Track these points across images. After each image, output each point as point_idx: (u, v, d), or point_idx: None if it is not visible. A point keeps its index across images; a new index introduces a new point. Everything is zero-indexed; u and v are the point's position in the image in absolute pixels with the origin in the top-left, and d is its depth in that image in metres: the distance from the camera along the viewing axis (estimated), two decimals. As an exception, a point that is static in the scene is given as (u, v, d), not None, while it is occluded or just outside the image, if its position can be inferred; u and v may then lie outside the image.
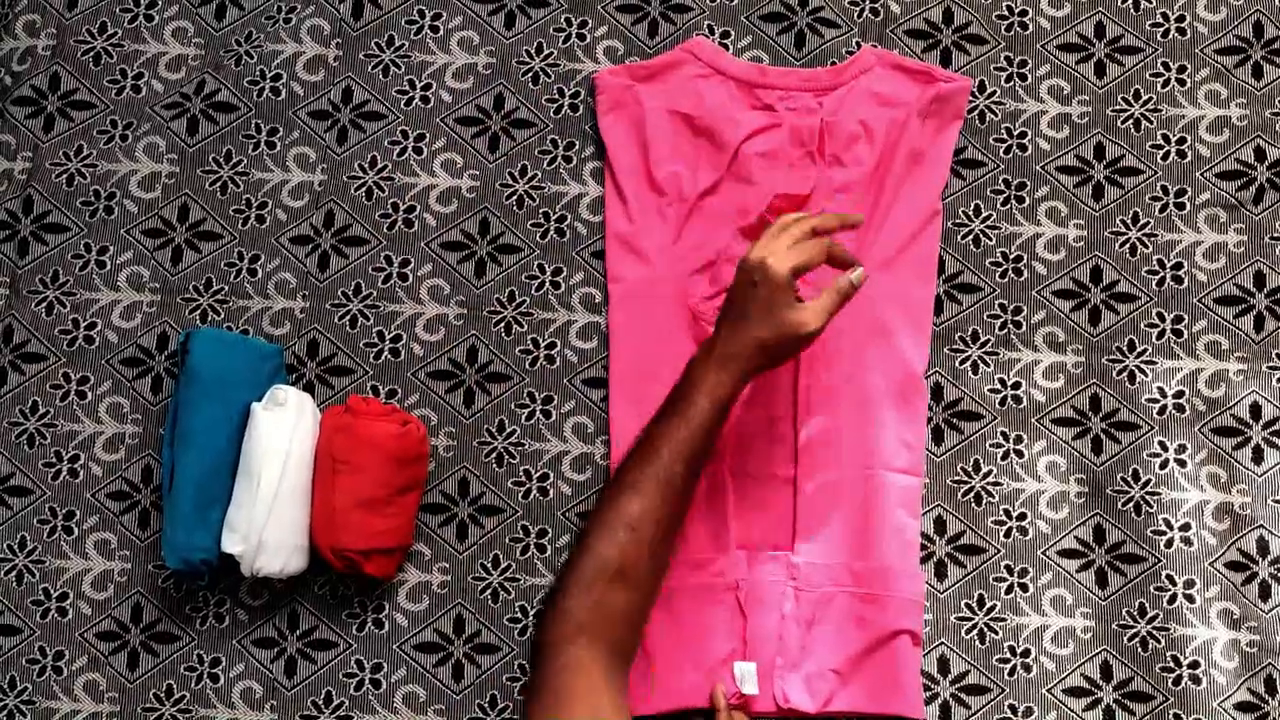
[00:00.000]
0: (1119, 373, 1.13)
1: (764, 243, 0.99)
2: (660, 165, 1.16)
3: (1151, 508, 1.10)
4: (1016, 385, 1.13)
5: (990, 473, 1.12)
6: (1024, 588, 1.10)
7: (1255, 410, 1.12)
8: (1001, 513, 1.11)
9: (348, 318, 1.15)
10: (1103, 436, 1.12)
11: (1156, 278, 1.15)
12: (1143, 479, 1.11)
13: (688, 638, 1.07)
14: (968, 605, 1.10)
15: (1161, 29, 1.20)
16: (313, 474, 1.06)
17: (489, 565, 1.11)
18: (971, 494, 1.11)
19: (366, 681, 1.09)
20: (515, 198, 1.17)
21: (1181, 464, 1.11)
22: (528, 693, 0.92)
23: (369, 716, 1.08)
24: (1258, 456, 1.11)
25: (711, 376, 0.96)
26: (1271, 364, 1.13)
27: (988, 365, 1.14)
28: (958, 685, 1.08)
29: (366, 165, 1.18)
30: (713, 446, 0.98)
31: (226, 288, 1.16)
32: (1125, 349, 1.14)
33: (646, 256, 1.14)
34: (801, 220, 1.00)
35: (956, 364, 1.14)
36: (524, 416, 1.13)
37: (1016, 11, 1.20)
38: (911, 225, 1.14)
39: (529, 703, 0.90)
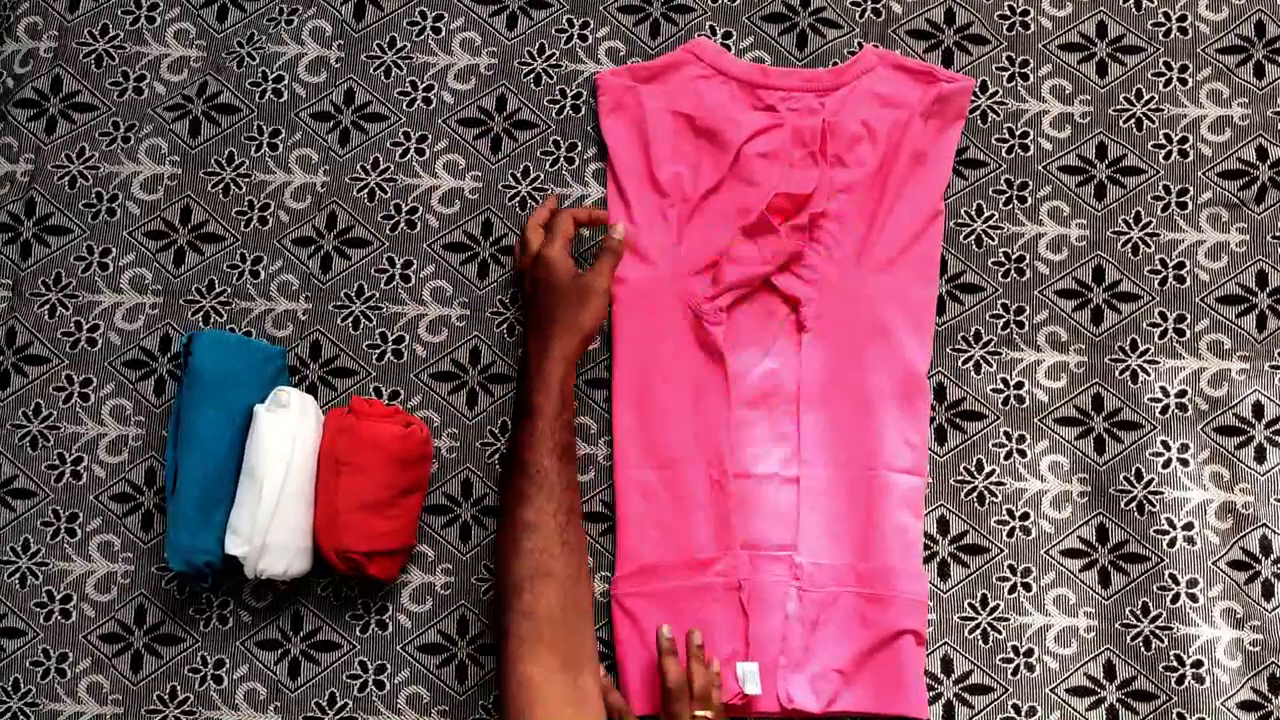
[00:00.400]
0: (1121, 372, 1.13)
1: (523, 248, 1.10)
2: (662, 166, 1.16)
3: (1154, 507, 1.10)
4: (1019, 385, 1.13)
5: (993, 472, 1.12)
6: (1027, 587, 1.10)
7: (1258, 409, 1.12)
8: (1004, 512, 1.11)
9: (350, 319, 1.15)
10: (1105, 436, 1.12)
11: (1159, 277, 1.15)
12: (1145, 478, 1.11)
13: (691, 638, 1.07)
14: (971, 605, 1.10)
15: (1163, 28, 1.20)
16: (316, 476, 1.06)
17: (492, 566, 1.11)
18: (974, 494, 1.11)
19: (370, 683, 1.09)
20: (518, 199, 1.17)
21: (1184, 463, 1.11)
22: (499, 703, 0.96)
23: (373, 718, 1.08)
24: (1260, 455, 1.11)
25: (544, 372, 1.02)
26: (1274, 363, 1.13)
27: (990, 365, 1.14)
28: (961, 685, 1.08)
29: (369, 167, 1.18)
30: (571, 430, 1.04)
31: (229, 289, 1.16)
32: (1128, 348, 1.14)
33: (648, 257, 1.14)
34: (535, 216, 1.12)
35: (959, 364, 1.14)
36: (527, 417, 1.13)
37: (1018, 11, 1.20)
38: (914, 225, 1.14)
39: (498, 708, 0.95)
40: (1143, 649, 1.08)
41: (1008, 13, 1.20)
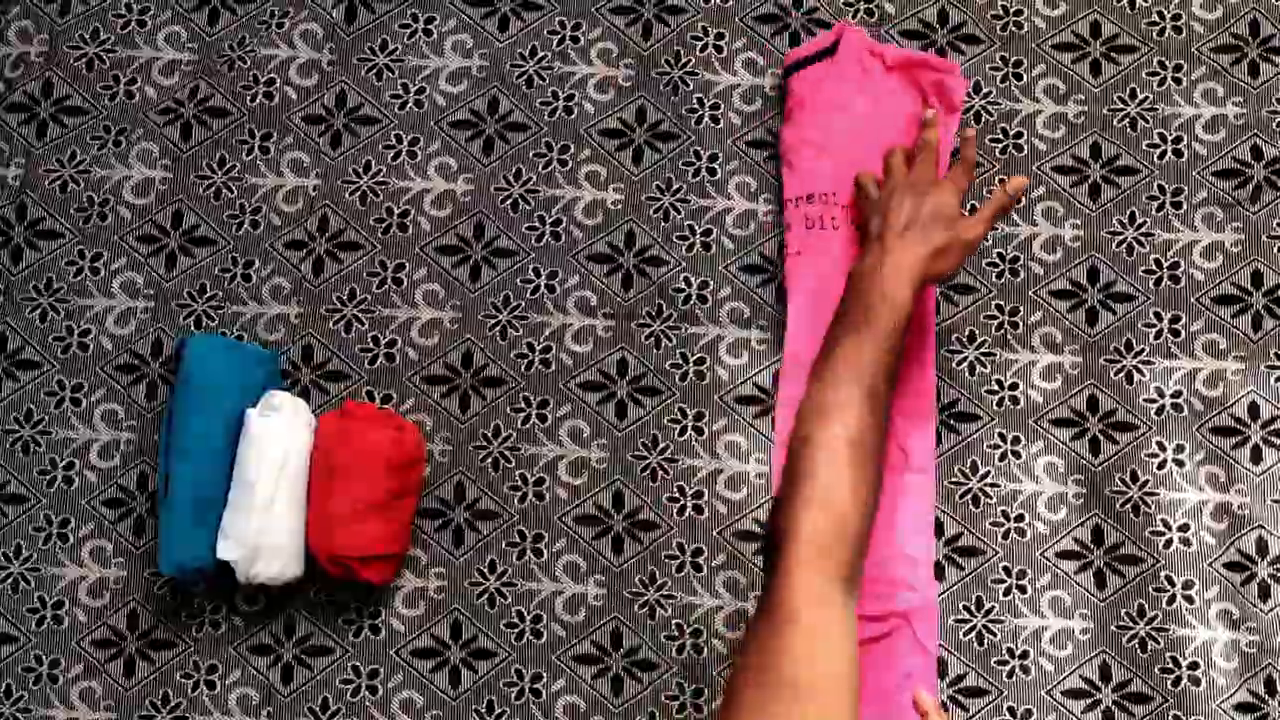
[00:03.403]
0: (1116, 373, 1.13)
1: (913, 172, 1.07)
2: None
3: (1150, 508, 1.10)
4: (1014, 386, 1.13)
5: (988, 474, 1.11)
6: (1022, 589, 1.09)
7: (1253, 410, 1.12)
8: (999, 514, 1.11)
9: (342, 323, 1.15)
10: (1100, 437, 1.12)
11: (1154, 277, 1.14)
12: (1141, 479, 1.11)
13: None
14: (966, 607, 1.09)
15: (1157, 27, 1.19)
16: (308, 480, 1.06)
17: (485, 570, 1.10)
18: (969, 495, 1.11)
19: (363, 688, 1.09)
20: (510, 201, 1.17)
21: (1180, 464, 1.11)
22: (759, 616, 0.86)
23: (366, 723, 1.08)
24: (1256, 456, 1.11)
25: (889, 289, 0.97)
26: (1269, 363, 1.13)
27: (985, 366, 1.13)
28: (956, 688, 1.08)
29: (361, 169, 1.18)
30: (901, 359, 0.97)
31: (221, 293, 1.16)
32: (1123, 349, 1.13)
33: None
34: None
35: (953, 365, 1.13)
36: (520, 421, 1.13)
37: (1011, 11, 1.20)
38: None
39: (759, 621, 0.85)
40: (1139, 651, 1.08)
41: (1001, 12, 1.20)
